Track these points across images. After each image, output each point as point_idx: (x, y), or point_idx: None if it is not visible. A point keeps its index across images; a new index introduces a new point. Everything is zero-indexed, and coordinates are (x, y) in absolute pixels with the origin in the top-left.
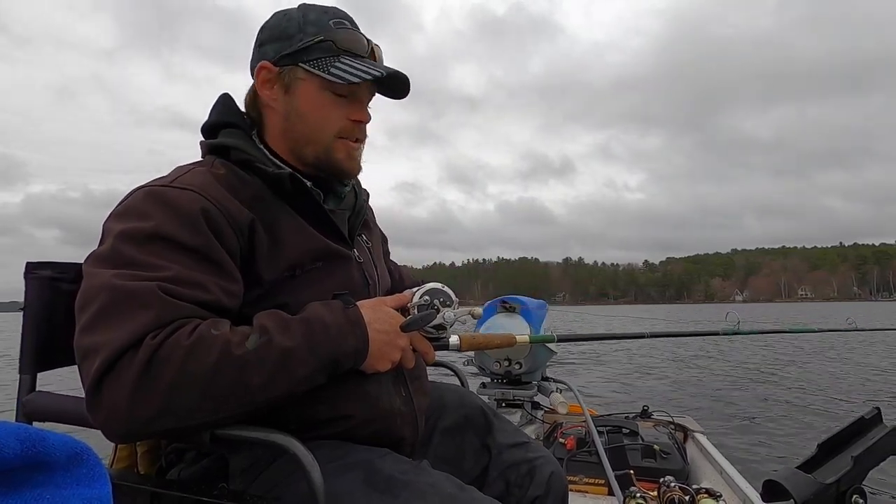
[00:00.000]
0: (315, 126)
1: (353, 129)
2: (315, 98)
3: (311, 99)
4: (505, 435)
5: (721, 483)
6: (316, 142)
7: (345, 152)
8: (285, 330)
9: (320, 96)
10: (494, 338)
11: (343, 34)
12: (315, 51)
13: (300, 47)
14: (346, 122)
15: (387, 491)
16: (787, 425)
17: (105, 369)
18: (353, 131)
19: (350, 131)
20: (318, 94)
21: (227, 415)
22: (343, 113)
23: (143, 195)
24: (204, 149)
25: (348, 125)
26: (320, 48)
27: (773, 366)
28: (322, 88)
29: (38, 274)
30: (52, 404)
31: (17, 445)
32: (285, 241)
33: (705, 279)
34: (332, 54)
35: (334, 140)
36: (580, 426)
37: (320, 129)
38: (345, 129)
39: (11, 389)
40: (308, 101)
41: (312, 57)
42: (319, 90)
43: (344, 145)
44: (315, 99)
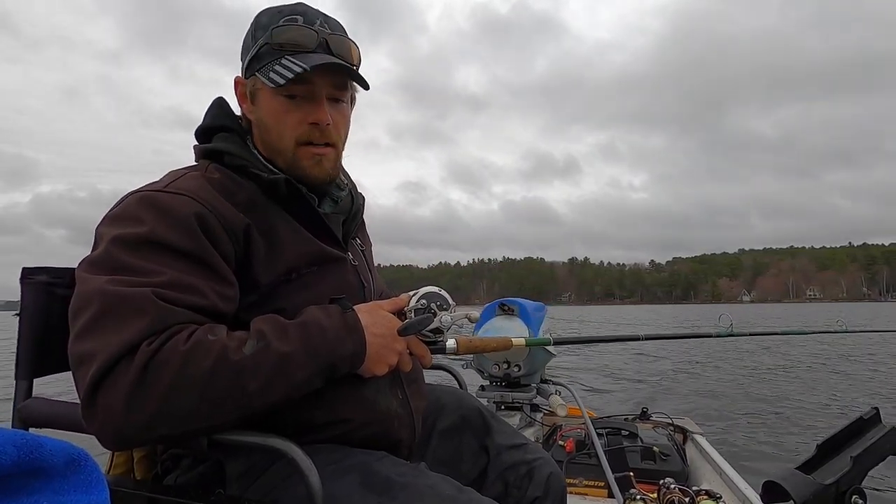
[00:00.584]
0: (276, 135)
1: (313, 132)
2: (270, 106)
3: (268, 107)
4: (503, 436)
5: (721, 484)
6: (281, 151)
7: (310, 159)
8: (283, 334)
9: (274, 103)
10: (491, 341)
11: (282, 32)
12: (263, 57)
13: (252, 56)
14: (304, 126)
15: (384, 493)
16: (786, 426)
17: (100, 376)
18: (312, 135)
19: (310, 136)
20: (272, 102)
21: (225, 420)
22: (298, 117)
23: (137, 200)
24: (198, 153)
25: (306, 129)
26: (267, 53)
27: (771, 367)
28: (274, 94)
29: (33, 279)
30: (49, 410)
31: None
32: (281, 245)
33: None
34: (273, 57)
35: (297, 147)
36: (579, 428)
37: (280, 137)
38: (304, 135)
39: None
40: (267, 110)
41: (262, 63)
42: (273, 97)
43: (308, 152)
44: (271, 106)
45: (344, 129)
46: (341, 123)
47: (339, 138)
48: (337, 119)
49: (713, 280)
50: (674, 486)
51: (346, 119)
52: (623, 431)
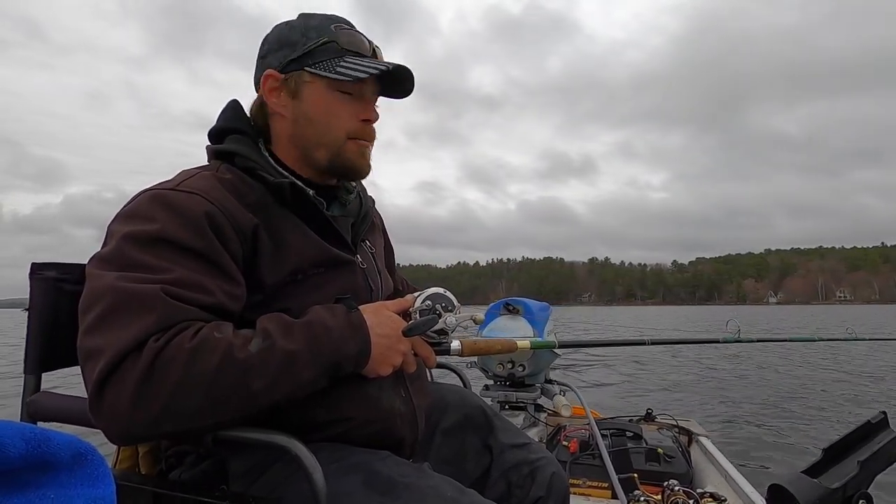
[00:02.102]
0: (325, 127)
1: (364, 128)
2: (323, 99)
3: (319, 101)
4: (507, 435)
5: (726, 487)
6: (327, 144)
7: (356, 151)
8: (288, 333)
9: (328, 97)
10: (496, 343)
11: (346, 35)
12: (320, 53)
13: (305, 51)
14: (356, 121)
15: (387, 493)
16: (792, 430)
17: (108, 372)
18: (363, 131)
19: (360, 131)
20: (325, 95)
21: (230, 418)
22: (351, 112)
23: (149, 198)
24: (210, 153)
25: (358, 125)
26: (325, 50)
27: (778, 371)
28: (329, 89)
29: (42, 275)
30: (57, 405)
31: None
32: (288, 246)
33: (737, 280)
34: (336, 55)
35: (345, 141)
36: (583, 429)
37: (330, 130)
38: (355, 130)
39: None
40: (316, 103)
41: (317, 59)
42: (327, 91)
43: (355, 145)
44: (323, 100)
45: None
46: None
47: (374, 138)
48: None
49: (738, 281)
50: (678, 488)
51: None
52: (627, 432)
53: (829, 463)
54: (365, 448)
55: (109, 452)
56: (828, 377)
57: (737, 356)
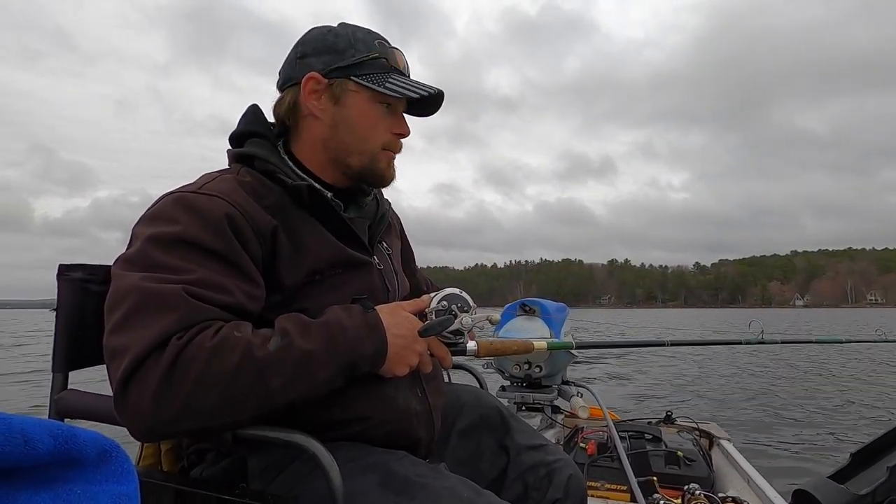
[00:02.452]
0: (363, 136)
1: (395, 141)
2: (366, 110)
3: (361, 110)
4: (523, 436)
5: (748, 492)
6: (362, 152)
7: (386, 162)
8: (305, 333)
9: (371, 108)
10: (512, 344)
11: (392, 53)
12: (368, 66)
13: (353, 62)
14: (390, 134)
15: (402, 493)
16: (817, 434)
17: (132, 369)
18: (394, 144)
19: (393, 143)
20: (369, 107)
21: (248, 416)
22: (387, 125)
23: (171, 201)
24: (230, 157)
25: (392, 138)
26: (374, 64)
27: (803, 374)
28: (373, 101)
29: (69, 276)
30: (83, 402)
31: (50, 442)
32: (306, 247)
33: (762, 282)
34: (384, 70)
35: (380, 151)
36: (601, 431)
37: (367, 139)
38: (388, 142)
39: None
40: (359, 112)
41: (366, 71)
42: (370, 102)
43: (386, 156)
44: (366, 110)
45: None
46: None
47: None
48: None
49: (763, 283)
50: (699, 492)
51: None
52: (646, 435)
53: (857, 468)
54: (381, 448)
55: (133, 450)
56: (856, 380)
57: (760, 358)
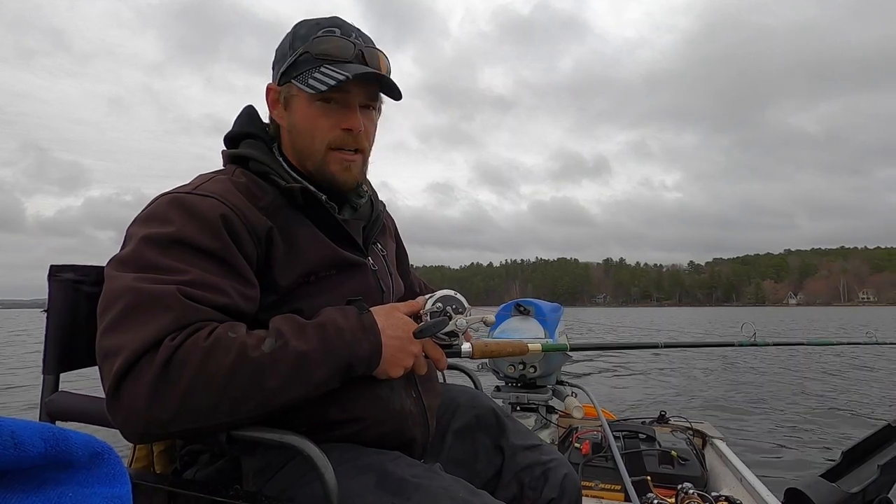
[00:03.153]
0: (308, 139)
1: (345, 138)
2: (305, 111)
3: (302, 113)
4: (518, 436)
5: (741, 491)
6: (311, 155)
7: (339, 164)
8: (301, 334)
9: (310, 109)
10: (507, 345)
11: (322, 43)
12: (301, 64)
13: (290, 64)
14: (337, 131)
15: (398, 493)
16: (809, 433)
17: (125, 370)
18: (344, 140)
19: (342, 141)
20: (307, 107)
21: (243, 417)
22: (332, 123)
23: (167, 202)
24: (225, 158)
25: (339, 135)
26: (305, 61)
27: (795, 373)
28: (310, 100)
29: (60, 277)
30: (75, 404)
31: (41, 444)
32: (300, 248)
33: (756, 281)
34: (313, 65)
35: (327, 152)
36: (596, 431)
37: (313, 141)
38: (336, 140)
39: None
40: (301, 115)
41: (299, 71)
42: (308, 103)
43: (337, 157)
44: (305, 112)
45: (372, 136)
46: (370, 131)
47: (367, 145)
48: (367, 126)
49: (757, 282)
50: (692, 491)
51: (374, 127)
52: (640, 435)
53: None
54: (376, 448)
55: (125, 452)
56: (847, 379)
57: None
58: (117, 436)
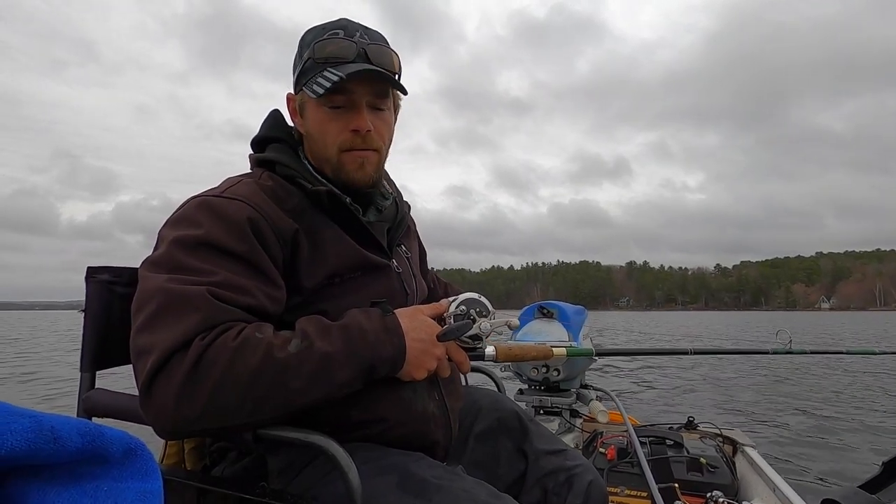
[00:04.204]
0: (322, 144)
1: (354, 139)
2: (316, 117)
3: (314, 118)
4: (542, 441)
5: (774, 500)
6: (327, 160)
7: (353, 164)
8: (325, 335)
9: (319, 114)
10: (531, 349)
11: (323, 46)
12: (308, 71)
13: (299, 71)
14: (346, 134)
15: (420, 495)
16: (847, 442)
17: (157, 368)
18: (354, 142)
19: (352, 143)
20: (317, 113)
21: (268, 416)
22: (341, 126)
23: (196, 205)
24: (252, 162)
25: (348, 137)
26: (311, 67)
27: (830, 381)
28: (319, 106)
29: (97, 278)
30: (110, 401)
31: (78, 439)
32: (326, 251)
33: (786, 284)
34: (318, 70)
35: (340, 154)
36: (621, 436)
37: (326, 147)
38: (346, 142)
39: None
40: (313, 121)
41: (307, 77)
42: (317, 108)
43: (351, 157)
44: (316, 118)
45: (387, 134)
46: (384, 130)
47: (381, 144)
48: (378, 126)
49: (787, 285)
50: (722, 499)
51: (388, 125)
52: (667, 441)
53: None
54: (399, 449)
55: (157, 449)
56: (888, 388)
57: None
58: (150, 432)
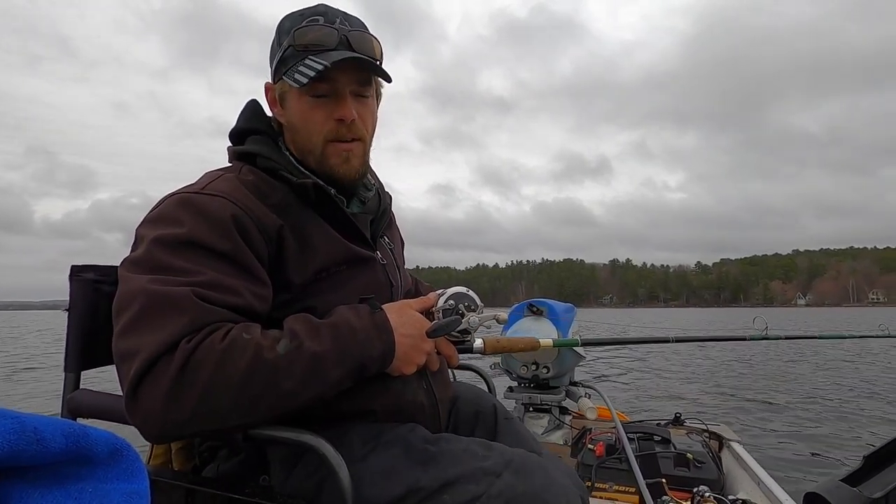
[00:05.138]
0: (305, 135)
1: (340, 128)
2: (298, 106)
3: (296, 108)
4: (510, 438)
5: (759, 494)
6: (311, 150)
7: (338, 156)
8: (315, 335)
9: (301, 103)
10: (518, 341)
11: (304, 34)
12: (288, 59)
13: (278, 60)
14: (331, 123)
15: (427, 462)
16: (829, 435)
17: (142, 373)
18: (339, 131)
19: (337, 132)
20: (299, 102)
21: (258, 418)
22: (325, 115)
23: (176, 202)
24: (231, 154)
25: (333, 126)
26: (291, 55)
27: (813, 375)
28: (301, 95)
29: (81, 277)
30: (95, 401)
31: (62, 440)
32: (312, 245)
33: (764, 281)
34: (298, 58)
35: (325, 145)
36: (610, 432)
37: (310, 137)
38: (331, 132)
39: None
40: (294, 110)
41: (287, 66)
42: (299, 97)
43: (336, 149)
44: (298, 107)
45: (371, 123)
46: (368, 118)
47: (365, 133)
48: (363, 114)
49: (765, 282)
50: (708, 494)
51: (371, 114)
52: (655, 437)
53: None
54: (392, 423)
55: (143, 448)
56: (867, 380)
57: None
58: (136, 432)
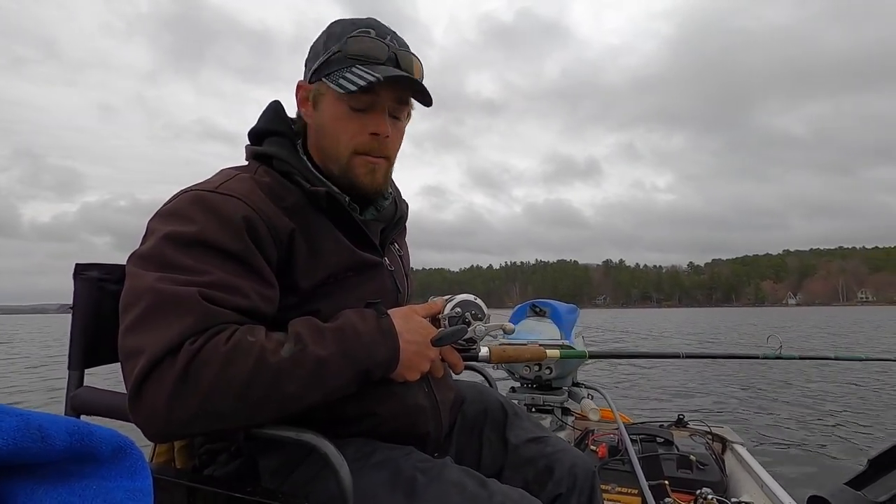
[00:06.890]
0: (334, 140)
1: (371, 143)
2: (333, 112)
3: (330, 113)
4: (522, 430)
5: (762, 497)
6: (336, 158)
7: (363, 167)
8: (320, 339)
9: (337, 109)
10: (525, 351)
11: (356, 43)
12: (333, 63)
13: (322, 62)
14: (364, 136)
15: (411, 493)
16: (834, 439)
17: (146, 372)
18: (370, 146)
19: (368, 146)
20: (335, 108)
21: (260, 420)
22: (359, 126)
23: (189, 199)
24: (248, 153)
25: (365, 139)
26: (337, 60)
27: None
28: (339, 101)
29: (86, 275)
30: (98, 399)
31: (66, 438)
32: (322, 251)
33: (755, 281)
34: (345, 65)
35: (352, 156)
36: (612, 434)
37: (338, 144)
38: (362, 144)
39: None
40: (329, 115)
41: (331, 70)
42: (336, 103)
43: (363, 161)
44: (333, 112)
45: (399, 144)
46: (396, 138)
47: (392, 152)
48: (394, 134)
49: (756, 282)
50: (711, 496)
51: (401, 135)
52: (658, 438)
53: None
54: (390, 444)
55: (146, 446)
56: (874, 386)
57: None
58: (139, 430)
